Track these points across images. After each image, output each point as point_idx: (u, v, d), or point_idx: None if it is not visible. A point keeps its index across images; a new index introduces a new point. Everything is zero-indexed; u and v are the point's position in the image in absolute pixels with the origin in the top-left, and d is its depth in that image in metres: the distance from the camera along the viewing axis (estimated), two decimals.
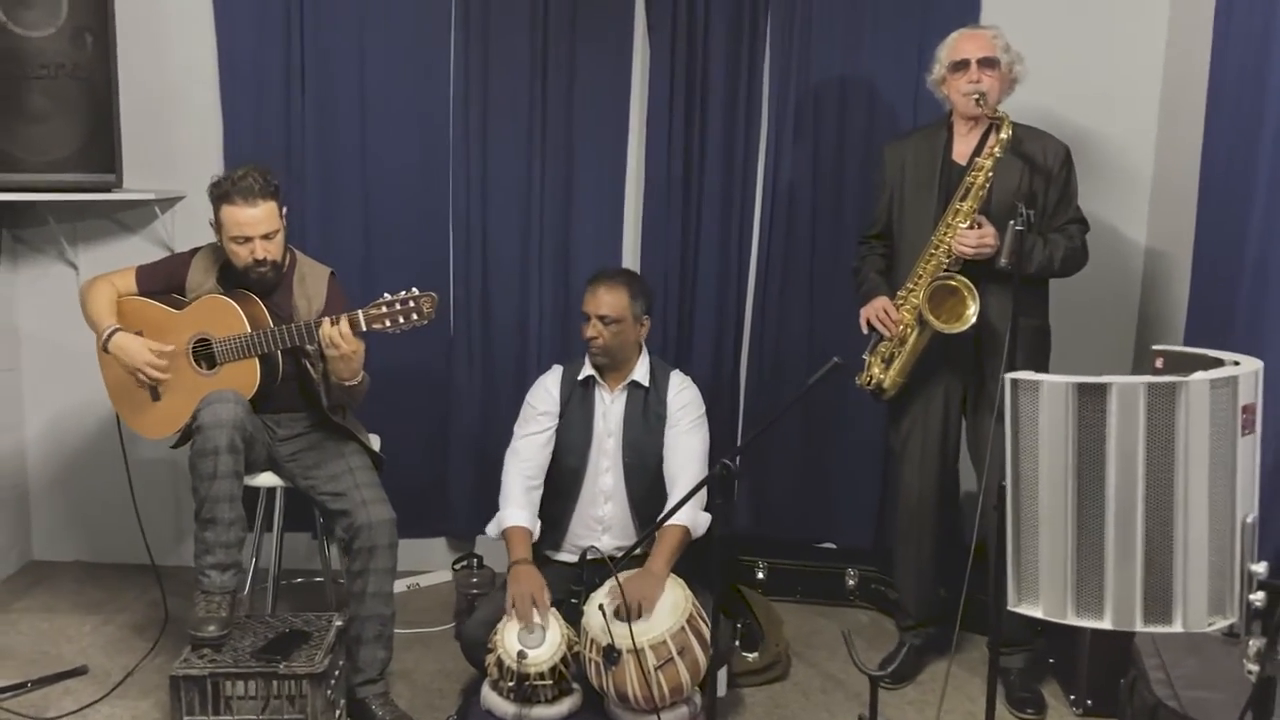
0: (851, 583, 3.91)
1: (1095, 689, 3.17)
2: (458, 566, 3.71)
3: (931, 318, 3.03)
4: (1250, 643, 1.55)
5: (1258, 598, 1.55)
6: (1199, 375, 1.54)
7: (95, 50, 3.51)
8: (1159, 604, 1.56)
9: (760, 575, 3.91)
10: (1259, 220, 3.00)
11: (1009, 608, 1.71)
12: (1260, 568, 1.56)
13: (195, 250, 3.16)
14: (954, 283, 3.02)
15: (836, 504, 4.02)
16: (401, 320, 2.84)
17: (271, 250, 2.98)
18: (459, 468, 3.99)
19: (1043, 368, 3.21)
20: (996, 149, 2.97)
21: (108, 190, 3.60)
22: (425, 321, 2.86)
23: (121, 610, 3.74)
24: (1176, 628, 1.56)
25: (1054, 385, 1.58)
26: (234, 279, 3.07)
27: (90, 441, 4.04)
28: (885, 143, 3.39)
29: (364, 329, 2.85)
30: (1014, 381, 1.62)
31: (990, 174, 2.98)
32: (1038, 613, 1.64)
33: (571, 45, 3.78)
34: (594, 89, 3.82)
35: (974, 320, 2.99)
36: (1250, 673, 1.55)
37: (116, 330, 2.99)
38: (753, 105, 3.81)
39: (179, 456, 3.91)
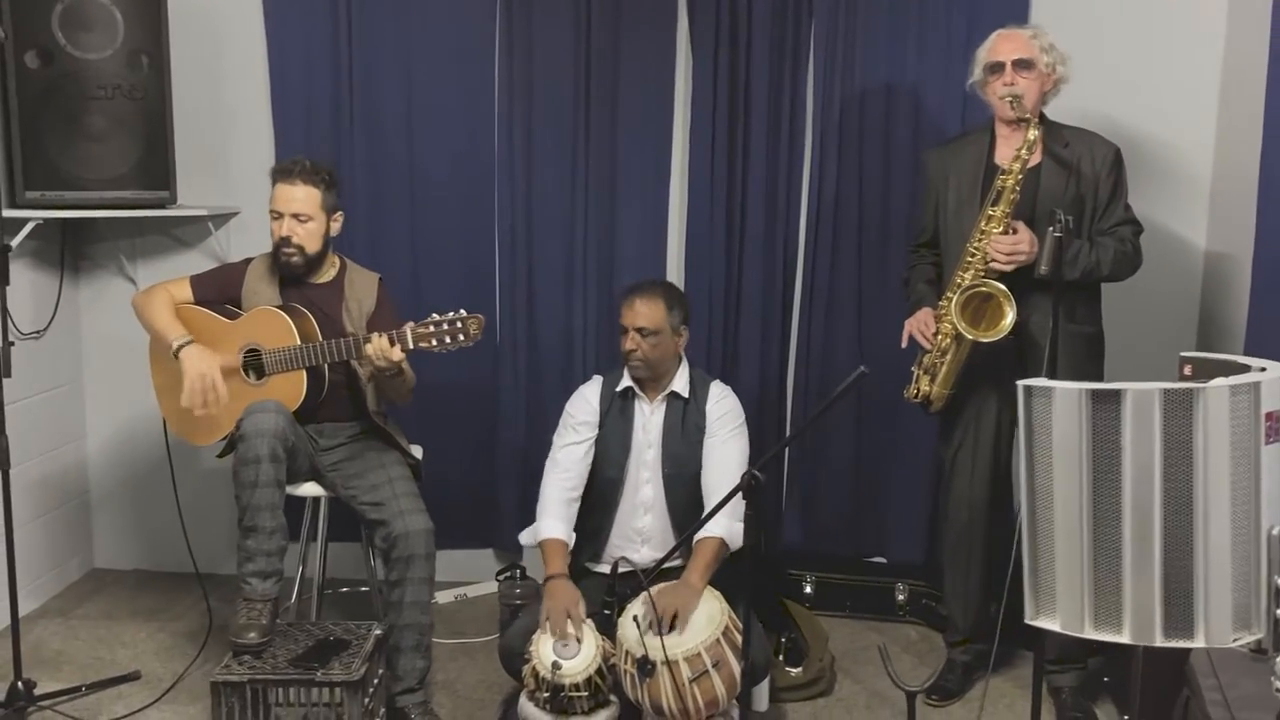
0: (901, 598, 3.85)
1: (1148, 709, 3.06)
2: (501, 578, 3.72)
3: (965, 327, 2.95)
4: (1278, 660, 1.49)
5: None
6: (1218, 381, 1.48)
7: (151, 71, 3.60)
8: (1180, 617, 1.50)
9: (808, 590, 3.86)
10: None
11: (1026, 620, 1.66)
12: None
13: (249, 259, 3.23)
14: (986, 289, 2.94)
15: (888, 518, 3.96)
16: (448, 340, 2.89)
17: (300, 234, 3.06)
18: (506, 478, 4.01)
19: (1096, 376, 3.12)
20: (1023, 150, 2.89)
21: (162, 206, 3.69)
22: (470, 343, 2.90)
23: (176, 618, 3.82)
24: (1199, 642, 1.50)
25: (1067, 392, 1.53)
26: (292, 285, 3.16)
27: (150, 452, 4.13)
28: (927, 149, 3.32)
29: (410, 347, 2.89)
30: (1027, 389, 1.58)
31: (1020, 177, 2.90)
32: (1055, 626, 1.59)
33: (615, 59, 3.79)
34: (638, 102, 3.82)
35: (1010, 327, 2.91)
36: (1278, 690, 1.49)
37: (192, 342, 3.05)
38: (797, 115, 3.78)
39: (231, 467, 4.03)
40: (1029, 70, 2.97)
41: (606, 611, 2.69)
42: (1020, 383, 1.60)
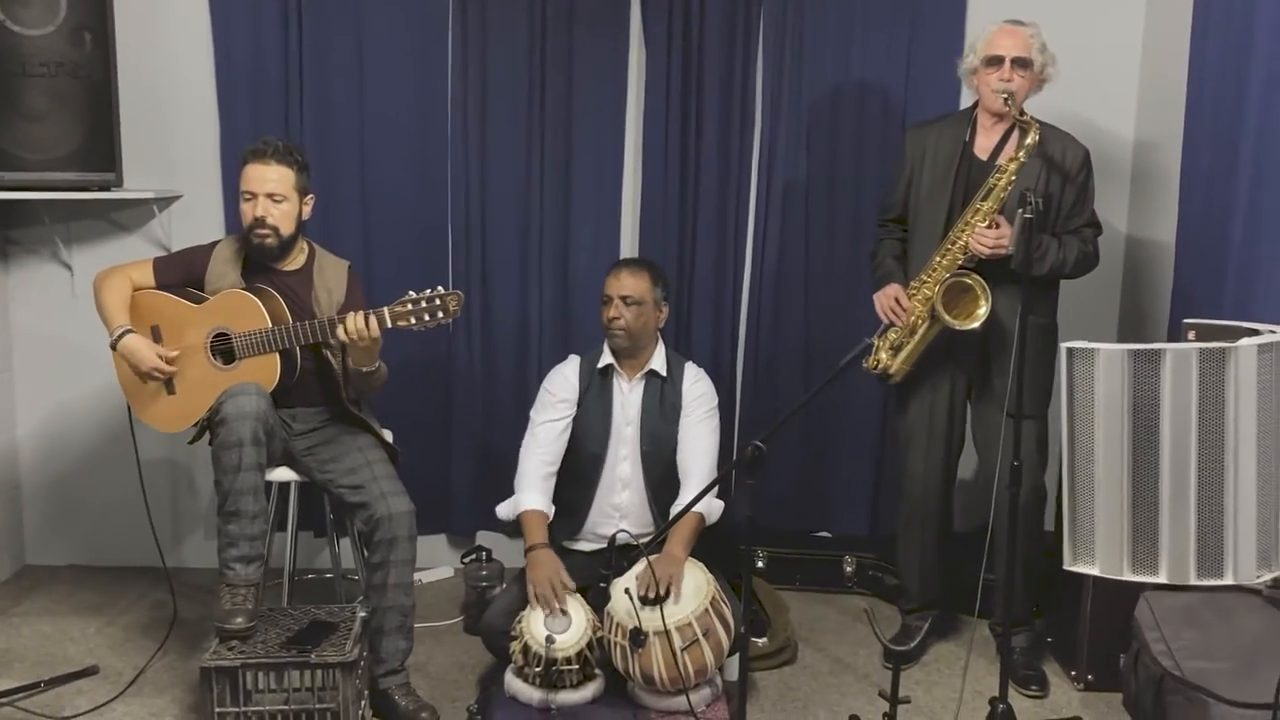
0: (849, 569, 3.99)
1: (1095, 665, 3.27)
2: (466, 560, 3.73)
3: (945, 314, 3.09)
4: None
5: None
6: (1247, 341, 1.63)
7: (94, 49, 3.50)
8: (1211, 558, 1.65)
9: (760, 564, 3.97)
10: (1243, 207, 3.09)
11: (1064, 567, 1.79)
12: None
13: (215, 243, 3.17)
14: (970, 281, 3.08)
15: (832, 493, 4.10)
16: (427, 318, 2.88)
17: (274, 214, 3.02)
18: (460, 466, 4.01)
19: (1050, 365, 3.28)
20: (1021, 154, 3.00)
21: (108, 189, 3.59)
22: (450, 320, 2.90)
23: (124, 612, 3.72)
24: (1228, 580, 1.65)
25: (1110, 353, 1.66)
26: (259, 270, 3.11)
27: (85, 444, 4.01)
28: (910, 126, 3.42)
29: (389, 325, 2.88)
30: (1070, 350, 1.70)
31: (1013, 177, 3.02)
32: (1094, 571, 1.72)
33: (569, 45, 3.83)
34: (591, 88, 3.86)
35: (984, 318, 3.06)
36: None
37: (128, 332, 2.99)
38: (747, 105, 3.88)
39: (178, 457, 3.95)
40: (1025, 70, 3.08)
41: (603, 585, 2.74)
42: (1064, 345, 1.73)
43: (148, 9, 3.75)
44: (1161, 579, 1.66)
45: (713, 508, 3.13)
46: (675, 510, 3.08)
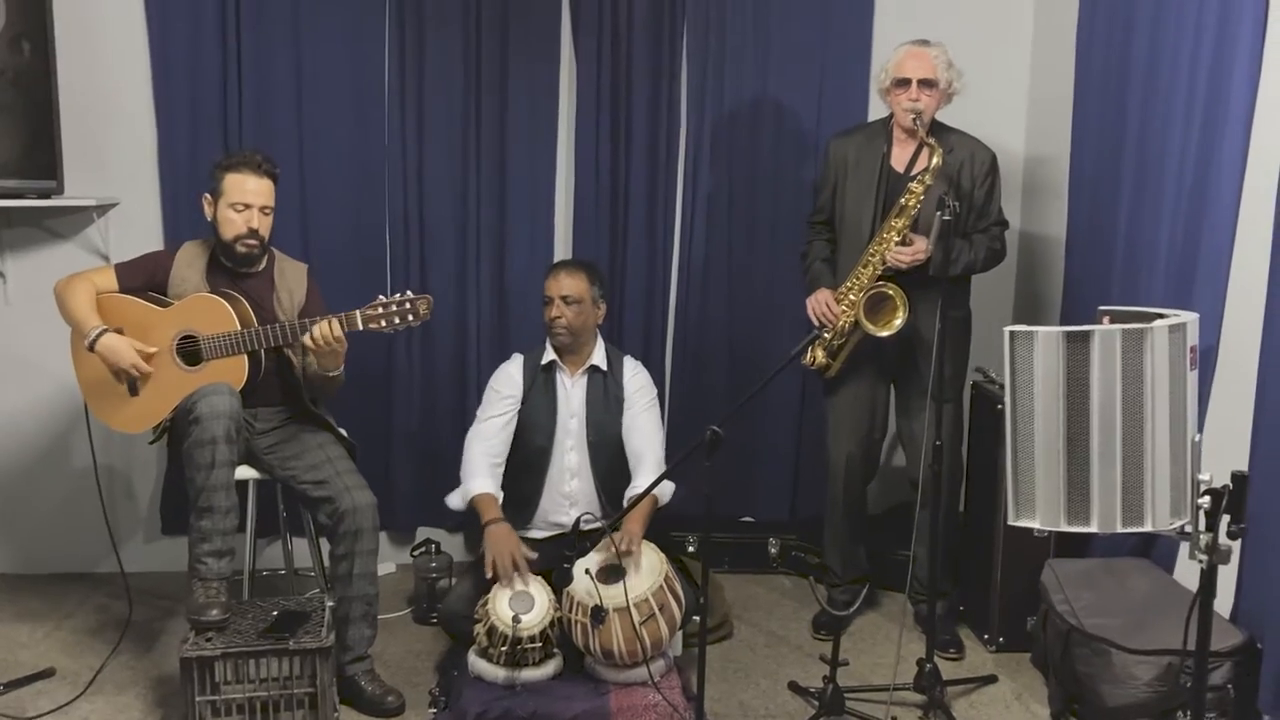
0: (774, 551, 4.23)
1: (1005, 629, 3.58)
2: (416, 553, 3.85)
3: (866, 323, 3.37)
4: (1200, 538, 1.92)
5: (1204, 501, 1.91)
6: (1159, 323, 1.91)
7: (34, 57, 3.53)
8: (1134, 509, 1.92)
9: (691, 549, 4.19)
10: (1126, 206, 3.43)
11: (1009, 522, 2.04)
12: (1206, 476, 1.92)
13: (176, 248, 3.24)
14: (890, 291, 3.35)
15: (756, 480, 4.34)
16: (398, 321, 3.01)
17: (263, 227, 3.15)
18: (400, 463, 4.12)
19: (965, 351, 3.59)
20: (927, 178, 3.26)
21: (48, 196, 3.61)
22: (420, 322, 3.04)
23: (68, 617, 3.74)
24: (1148, 527, 1.93)
25: (1047, 334, 1.92)
26: (221, 273, 3.19)
27: (18, 453, 4.00)
28: (830, 136, 3.66)
29: (360, 328, 3.01)
30: (1011, 333, 1.96)
31: (921, 198, 3.28)
32: (1035, 524, 1.98)
33: (503, 54, 3.97)
34: (524, 96, 4.01)
35: (901, 326, 3.34)
36: (1201, 561, 1.92)
37: (105, 331, 3.05)
38: (672, 114, 4.08)
39: (114, 464, 3.98)
40: (932, 89, 3.35)
41: (566, 565, 2.91)
42: (1006, 328, 1.99)
43: (86, 18, 3.77)
44: (1093, 528, 1.93)
45: (665, 489, 3.33)
46: (631, 493, 3.27)
